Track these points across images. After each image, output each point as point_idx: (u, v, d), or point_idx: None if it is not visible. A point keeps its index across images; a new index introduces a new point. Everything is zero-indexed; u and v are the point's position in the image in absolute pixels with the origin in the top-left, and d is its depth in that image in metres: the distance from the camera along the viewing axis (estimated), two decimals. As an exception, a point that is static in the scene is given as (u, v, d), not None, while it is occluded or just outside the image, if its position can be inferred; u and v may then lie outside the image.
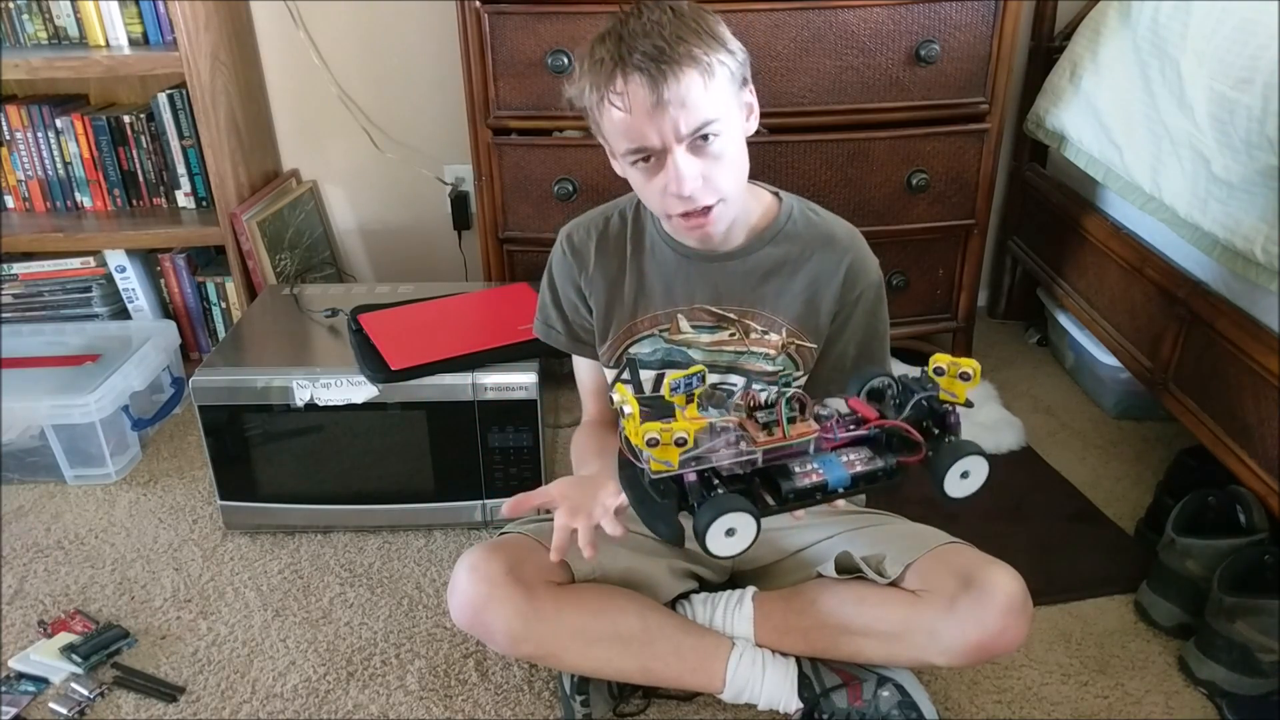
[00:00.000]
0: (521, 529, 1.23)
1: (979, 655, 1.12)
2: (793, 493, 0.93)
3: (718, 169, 1.08)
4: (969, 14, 1.71)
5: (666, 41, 1.02)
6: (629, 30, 1.04)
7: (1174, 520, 1.39)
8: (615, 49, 1.03)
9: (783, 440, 0.92)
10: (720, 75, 1.05)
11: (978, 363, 0.93)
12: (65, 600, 1.50)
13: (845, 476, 0.94)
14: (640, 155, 1.08)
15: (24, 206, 2.14)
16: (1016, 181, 2.20)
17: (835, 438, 0.94)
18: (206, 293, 2.14)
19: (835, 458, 0.95)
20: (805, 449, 0.94)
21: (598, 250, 1.26)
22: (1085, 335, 1.95)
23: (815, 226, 1.24)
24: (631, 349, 1.27)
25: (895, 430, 0.95)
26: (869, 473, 0.95)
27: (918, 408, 0.95)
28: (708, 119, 1.05)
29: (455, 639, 1.41)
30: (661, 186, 1.08)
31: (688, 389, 0.91)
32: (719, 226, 1.14)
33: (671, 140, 1.04)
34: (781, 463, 0.93)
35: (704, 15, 1.07)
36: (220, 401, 1.53)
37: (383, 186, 2.30)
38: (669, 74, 1.01)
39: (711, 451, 0.91)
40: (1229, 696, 1.25)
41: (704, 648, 1.20)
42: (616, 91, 1.04)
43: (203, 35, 1.91)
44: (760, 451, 0.91)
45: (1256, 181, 1.29)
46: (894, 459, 0.95)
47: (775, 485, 0.93)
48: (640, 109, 1.03)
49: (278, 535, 1.64)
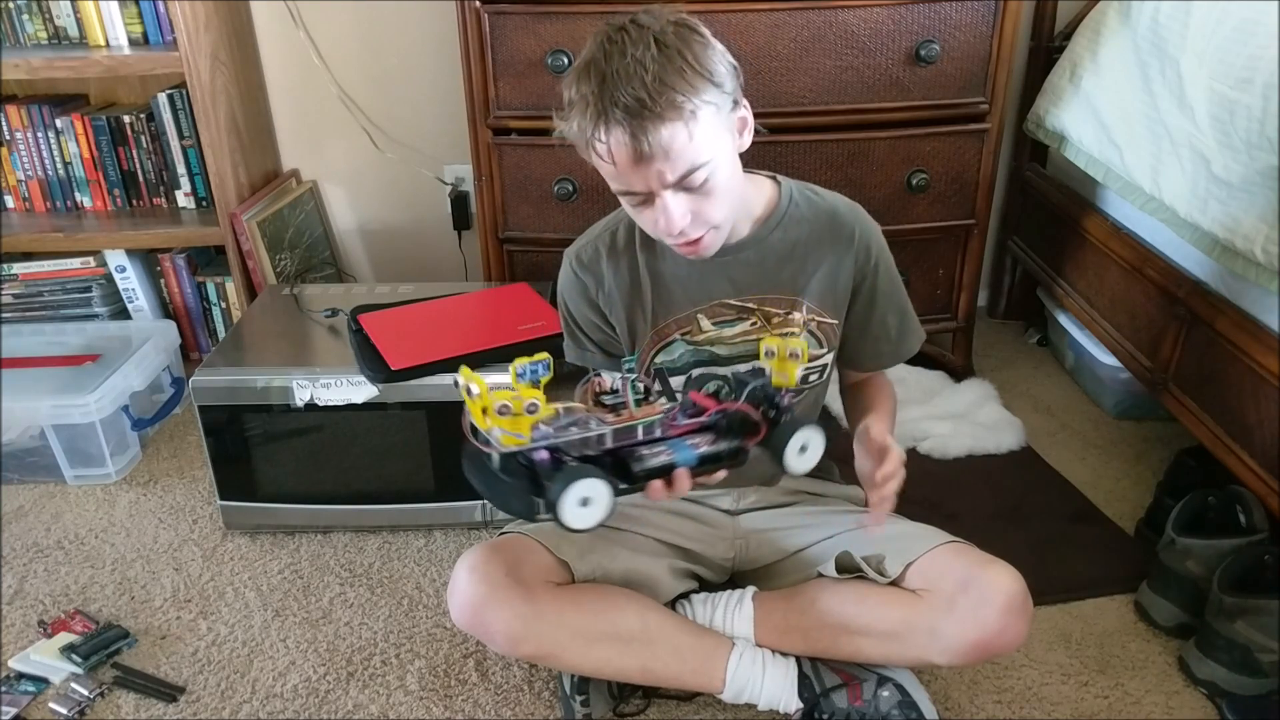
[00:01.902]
0: (521, 529, 1.23)
1: (979, 654, 1.12)
2: (643, 471, 0.99)
3: (707, 204, 1.08)
4: (969, 14, 1.71)
5: (648, 91, 0.98)
6: (612, 71, 1.00)
7: (1174, 520, 1.39)
8: (598, 94, 1.00)
9: (630, 420, 0.98)
10: (705, 117, 1.03)
11: (805, 342, 1.07)
12: (65, 600, 1.50)
13: (693, 456, 1.01)
14: (629, 196, 1.09)
15: (24, 206, 2.14)
16: (1016, 181, 2.20)
17: (680, 422, 1.02)
18: (206, 293, 2.14)
19: (683, 442, 1.02)
20: (653, 433, 1.00)
21: (609, 264, 1.25)
22: (1085, 335, 1.95)
23: (817, 206, 1.25)
24: (658, 358, 1.27)
25: (735, 415, 1.03)
26: (714, 453, 1.03)
27: (752, 395, 1.04)
28: (693, 165, 1.04)
29: (455, 639, 1.41)
30: (652, 220, 1.09)
31: (534, 375, 0.95)
32: (712, 249, 1.15)
33: (657, 186, 1.05)
34: (630, 447, 1.00)
35: (689, 43, 1.03)
36: (220, 401, 1.53)
37: (383, 186, 2.30)
38: (649, 128, 1.00)
39: (562, 431, 0.95)
40: (1229, 696, 1.25)
41: (704, 647, 1.20)
42: (600, 140, 1.03)
43: (203, 35, 1.92)
44: (610, 430, 0.97)
45: (1256, 181, 1.29)
46: (736, 441, 1.03)
47: (626, 468, 0.99)
48: (623, 162, 1.03)
49: (278, 535, 1.64)
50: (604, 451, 0.98)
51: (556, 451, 0.94)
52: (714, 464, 1.03)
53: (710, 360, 1.26)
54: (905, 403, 1.88)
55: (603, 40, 1.03)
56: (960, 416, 1.88)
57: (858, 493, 1.41)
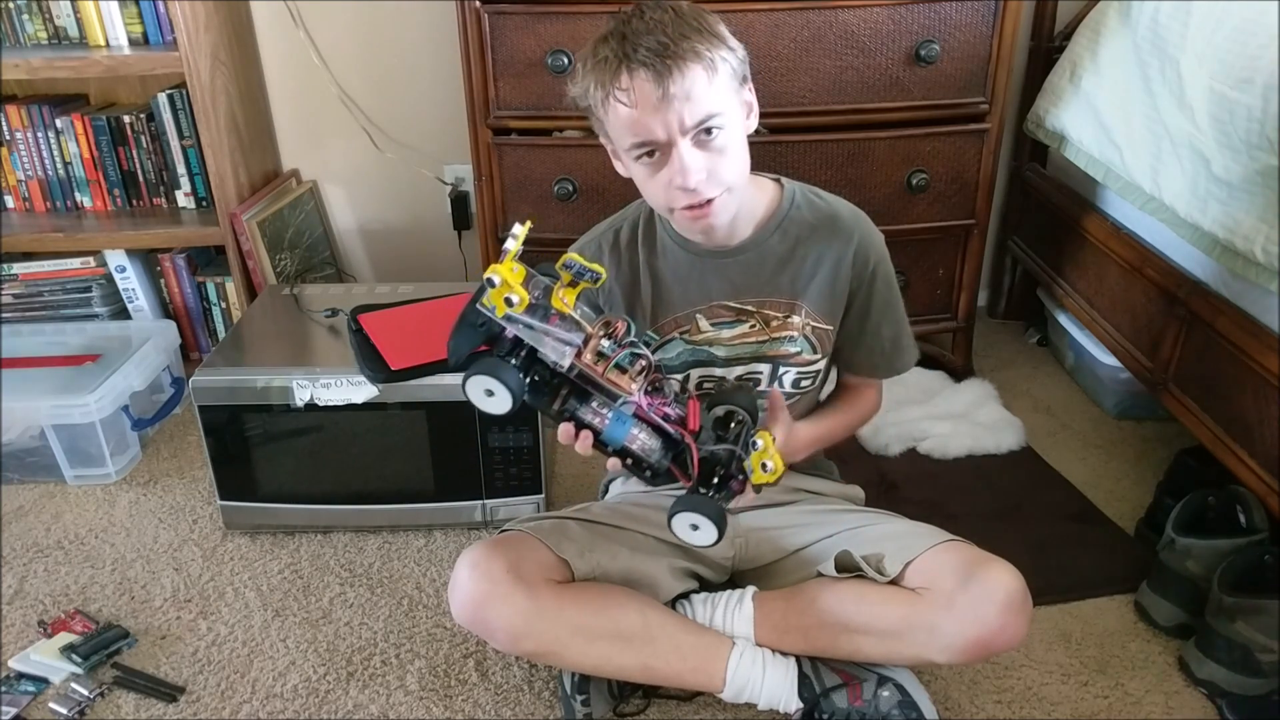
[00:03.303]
0: (522, 527, 1.24)
1: (979, 652, 1.12)
2: (571, 414, 1.02)
3: (721, 162, 1.09)
4: (969, 14, 1.71)
5: (670, 38, 1.04)
6: (632, 29, 1.05)
7: (1174, 520, 1.39)
8: (619, 47, 1.05)
9: (597, 375, 0.99)
10: (723, 71, 1.07)
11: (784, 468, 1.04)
12: (65, 600, 1.50)
13: (619, 441, 1.02)
14: (645, 150, 1.09)
15: (24, 206, 2.14)
16: (1016, 181, 2.20)
17: (648, 411, 1.02)
18: (206, 293, 2.14)
19: (629, 423, 1.02)
20: (614, 396, 1.01)
21: (611, 261, 1.26)
22: (1085, 335, 1.95)
23: (819, 210, 1.25)
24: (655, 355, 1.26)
25: (684, 449, 1.03)
26: (639, 456, 1.04)
27: (714, 457, 1.03)
28: (711, 112, 1.06)
29: (455, 639, 1.41)
30: (666, 180, 1.09)
31: (578, 275, 0.97)
32: (723, 218, 1.15)
33: (676, 133, 1.06)
34: (589, 389, 1.01)
35: (704, 14, 1.09)
36: (220, 401, 1.53)
37: (383, 186, 2.30)
38: (674, 68, 1.03)
39: (543, 333, 0.97)
40: (1229, 696, 1.25)
41: (704, 646, 1.20)
42: (622, 88, 1.05)
43: (203, 35, 1.92)
44: (573, 366, 0.99)
45: (1256, 181, 1.29)
46: (667, 464, 1.04)
47: (567, 400, 1.01)
48: (646, 103, 1.05)
49: (278, 535, 1.64)
50: (561, 373, 1.00)
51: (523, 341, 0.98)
52: (632, 464, 1.04)
53: (708, 360, 1.26)
54: (905, 403, 1.89)
55: (620, 13, 1.08)
56: (960, 416, 1.88)
57: (858, 492, 1.42)
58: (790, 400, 1.28)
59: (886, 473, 1.74)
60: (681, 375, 1.27)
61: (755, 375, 1.27)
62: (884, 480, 1.71)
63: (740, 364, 1.26)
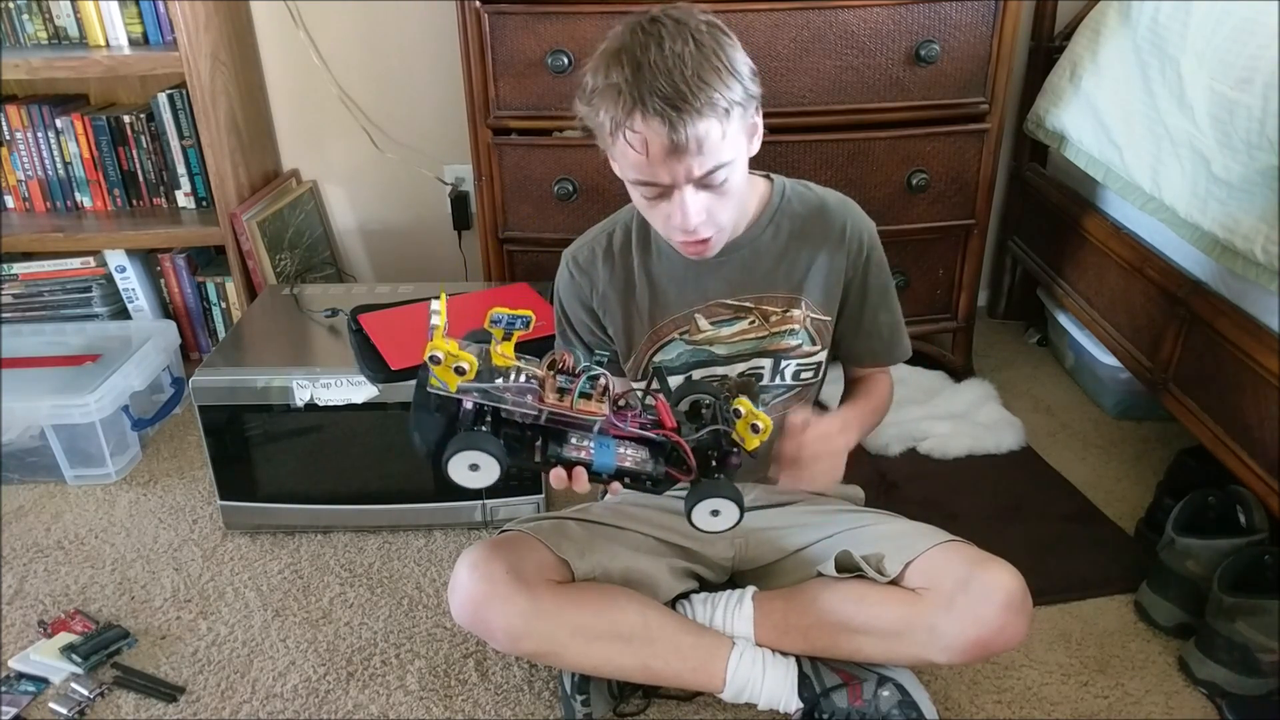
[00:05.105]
0: (522, 527, 1.24)
1: (979, 652, 1.12)
2: (556, 458, 1.00)
3: (721, 203, 1.09)
4: (969, 14, 1.71)
5: (689, 85, 0.98)
6: (649, 61, 0.99)
7: (1174, 520, 1.39)
8: (634, 81, 1.00)
9: (566, 410, 0.97)
10: (735, 115, 1.04)
11: (771, 421, 1.01)
12: (65, 600, 1.50)
13: (611, 465, 1.00)
14: (647, 187, 1.08)
15: (24, 206, 2.14)
16: (1016, 181, 2.20)
17: (623, 428, 1.00)
18: (206, 293, 2.14)
19: (613, 445, 1.01)
20: (589, 425, 0.99)
21: (605, 266, 1.26)
22: (1085, 335, 1.95)
23: (808, 201, 1.25)
24: (655, 357, 1.27)
25: (675, 447, 1.01)
26: (636, 471, 1.02)
27: (702, 442, 1.02)
28: (720, 162, 1.04)
29: (455, 639, 1.41)
30: (665, 215, 1.09)
31: (509, 327, 0.95)
32: (717, 249, 1.16)
33: (682, 180, 1.04)
34: (563, 429, 0.99)
35: (721, 42, 1.04)
36: (220, 401, 1.53)
37: (383, 186, 2.30)
38: (688, 121, 0.99)
39: (502, 391, 0.96)
40: (1229, 696, 1.25)
41: (704, 647, 1.20)
42: (633, 130, 1.01)
43: (203, 35, 1.92)
44: (541, 410, 0.97)
45: (1256, 181, 1.29)
46: (664, 469, 1.02)
47: (547, 446, 1.00)
48: (656, 152, 1.02)
49: (278, 535, 1.64)
50: (531, 423, 0.99)
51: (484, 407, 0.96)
52: (632, 481, 1.03)
53: (709, 360, 1.26)
54: (905, 403, 1.89)
55: (636, 29, 1.03)
56: (960, 416, 1.88)
57: (858, 492, 1.42)
58: (792, 393, 1.28)
59: (886, 473, 1.74)
60: (683, 376, 1.27)
61: (757, 370, 1.27)
62: (884, 480, 1.71)
63: (741, 360, 1.26)
